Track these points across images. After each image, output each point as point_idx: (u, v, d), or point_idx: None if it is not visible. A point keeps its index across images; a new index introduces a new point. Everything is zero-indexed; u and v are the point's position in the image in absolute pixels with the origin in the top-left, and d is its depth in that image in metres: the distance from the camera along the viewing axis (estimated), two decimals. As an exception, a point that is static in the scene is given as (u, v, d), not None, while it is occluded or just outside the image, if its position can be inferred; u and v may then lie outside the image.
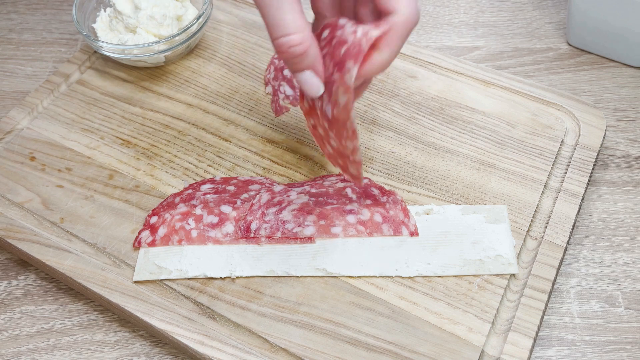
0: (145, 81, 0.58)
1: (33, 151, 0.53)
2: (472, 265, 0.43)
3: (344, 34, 0.37)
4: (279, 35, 0.35)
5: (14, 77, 0.63)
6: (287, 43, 0.35)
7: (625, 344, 0.43)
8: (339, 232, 0.45)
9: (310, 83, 0.37)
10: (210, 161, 0.52)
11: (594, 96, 0.58)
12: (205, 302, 0.43)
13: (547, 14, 0.66)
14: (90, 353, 0.45)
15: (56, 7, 0.71)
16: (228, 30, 0.62)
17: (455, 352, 0.40)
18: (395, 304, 0.42)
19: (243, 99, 0.56)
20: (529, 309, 0.42)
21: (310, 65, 0.37)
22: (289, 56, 0.36)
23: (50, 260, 0.46)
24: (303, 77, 0.37)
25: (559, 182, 0.48)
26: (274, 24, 0.35)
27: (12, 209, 0.49)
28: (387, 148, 0.51)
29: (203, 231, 0.46)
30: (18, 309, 0.47)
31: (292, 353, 0.41)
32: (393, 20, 0.36)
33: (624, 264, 0.47)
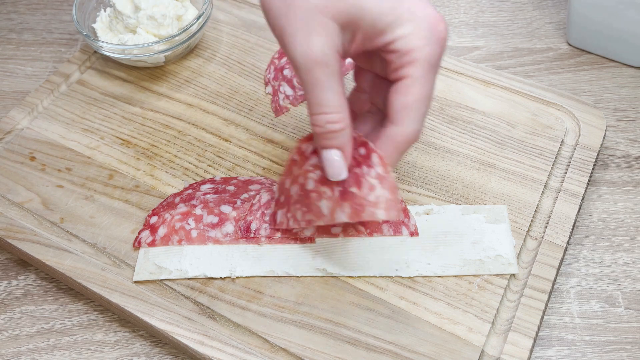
0: (145, 81, 0.58)
1: (33, 151, 0.53)
2: (472, 265, 0.43)
3: (364, 177, 0.38)
4: (319, 112, 0.37)
5: (14, 77, 0.63)
6: (324, 119, 0.36)
7: (625, 344, 0.43)
8: (339, 232, 0.45)
9: (335, 164, 0.38)
10: (210, 161, 0.52)
11: (594, 96, 0.58)
12: (205, 302, 0.43)
13: (547, 14, 0.66)
14: (90, 353, 0.45)
15: (56, 7, 0.71)
16: (228, 30, 0.62)
17: (455, 352, 0.40)
18: (395, 304, 0.42)
19: (243, 99, 0.56)
20: (529, 309, 0.42)
21: (340, 145, 0.38)
22: (324, 131, 0.37)
23: (50, 260, 0.46)
24: (329, 155, 0.38)
25: (559, 182, 0.48)
26: (316, 102, 0.36)
27: (12, 209, 0.49)
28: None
29: (203, 231, 0.46)
30: (18, 309, 0.47)
31: (292, 353, 0.41)
32: (394, 132, 0.37)
33: (624, 264, 0.47)
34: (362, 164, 0.38)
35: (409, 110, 0.36)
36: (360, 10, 0.35)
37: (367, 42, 0.37)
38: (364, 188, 0.38)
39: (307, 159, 0.40)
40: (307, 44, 0.35)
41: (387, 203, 0.37)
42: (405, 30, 0.35)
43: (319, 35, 0.35)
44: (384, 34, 0.36)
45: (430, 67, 0.36)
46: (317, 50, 0.35)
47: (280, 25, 0.36)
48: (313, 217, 0.40)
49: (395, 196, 0.38)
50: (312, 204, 0.40)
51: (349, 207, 0.38)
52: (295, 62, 0.36)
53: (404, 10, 0.35)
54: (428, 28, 0.36)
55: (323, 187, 0.39)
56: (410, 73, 0.36)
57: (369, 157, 0.38)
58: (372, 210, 0.38)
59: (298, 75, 0.37)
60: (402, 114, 0.37)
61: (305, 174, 0.40)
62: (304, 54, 0.35)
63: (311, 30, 0.35)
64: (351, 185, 0.38)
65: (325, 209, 0.39)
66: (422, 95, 0.36)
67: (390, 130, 0.37)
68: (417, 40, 0.35)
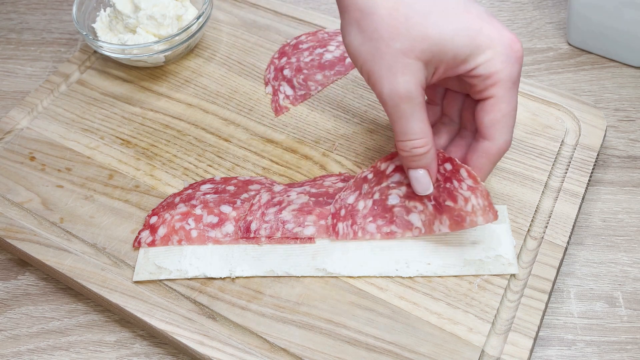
0: (145, 81, 0.58)
1: (33, 151, 0.53)
2: (472, 265, 0.43)
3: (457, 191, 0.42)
4: (404, 140, 0.40)
5: (14, 77, 0.63)
6: (410, 145, 0.40)
7: (625, 344, 0.43)
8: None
9: (422, 181, 0.42)
10: (210, 161, 0.52)
11: (594, 96, 0.58)
12: (205, 302, 0.43)
13: (547, 14, 0.66)
14: (90, 353, 0.45)
15: (56, 7, 0.71)
16: (228, 30, 0.62)
17: (455, 352, 0.40)
18: (395, 304, 0.42)
19: (243, 99, 0.56)
20: (529, 309, 0.42)
21: (425, 165, 0.41)
22: (410, 155, 0.41)
23: (50, 260, 0.46)
24: (416, 174, 0.42)
25: (559, 182, 0.48)
26: (402, 131, 0.40)
27: (12, 209, 0.49)
28: (387, 148, 0.51)
29: (203, 231, 0.46)
30: (18, 309, 0.47)
31: (292, 353, 0.41)
32: (487, 147, 0.40)
33: (624, 264, 0.47)
34: (453, 179, 0.42)
35: (498, 126, 0.40)
36: (442, 47, 0.38)
37: (449, 72, 0.40)
38: (459, 201, 0.42)
39: (387, 177, 0.45)
40: (392, 83, 0.38)
41: (483, 209, 0.41)
42: (486, 57, 0.38)
43: (403, 75, 0.38)
44: (466, 62, 0.38)
45: (512, 85, 0.39)
46: (401, 88, 0.38)
47: (367, 68, 0.39)
48: (398, 228, 0.43)
49: (489, 201, 0.41)
50: (396, 217, 0.43)
51: (448, 219, 0.42)
52: (382, 99, 0.40)
53: (483, 38, 0.38)
54: (506, 51, 0.38)
55: (412, 202, 0.44)
56: (494, 93, 0.39)
57: (458, 172, 0.42)
58: (472, 219, 0.41)
59: (385, 109, 0.40)
60: (492, 130, 0.40)
61: (385, 191, 0.44)
62: (390, 92, 0.39)
63: (396, 71, 0.38)
64: (446, 200, 0.42)
65: (417, 222, 0.43)
66: (508, 110, 0.39)
67: (483, 145, 0.41)
68: (498, 63, 0.38)
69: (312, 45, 0.58)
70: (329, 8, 0.69)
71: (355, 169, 0.50)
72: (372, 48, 0.39)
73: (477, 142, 0.41)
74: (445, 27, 0.38)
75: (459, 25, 0.38)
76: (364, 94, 0.55)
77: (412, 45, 0.38)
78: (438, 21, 0.38)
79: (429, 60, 0.38)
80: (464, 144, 0.44)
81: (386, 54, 0.38)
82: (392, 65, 0.38)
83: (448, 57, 0.38)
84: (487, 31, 0.38)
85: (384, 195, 0.45)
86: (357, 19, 0.39)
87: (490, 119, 0.40)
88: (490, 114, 0.39)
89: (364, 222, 0.44)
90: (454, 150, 0.44)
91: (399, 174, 0.45)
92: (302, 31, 0.61)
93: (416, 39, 0.38)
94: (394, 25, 0.38)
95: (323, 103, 0.55)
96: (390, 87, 0.39)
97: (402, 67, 0.38)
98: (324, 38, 0.59)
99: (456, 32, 0.38)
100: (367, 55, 0.39)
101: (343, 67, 0.57)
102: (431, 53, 0.38)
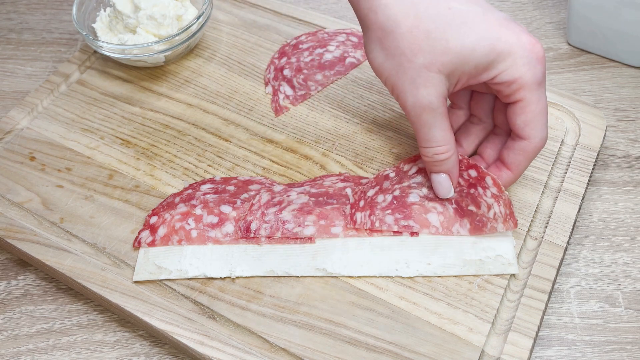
0: (145, 81, 0.58)
1: (33, 151, 0.53)
2: (472, 265, 0.43)
3: (481, 197, 0.44)
4: (427, 146, 0.42)
5: (14, 77, 0.63)
6: (432, 151, 0.42)
7: (625, 344, 0.43)
8: (339, 232, 0.45)
9: (444, 185, 0.44)
10: (210, 161, 0.52)
11: (594, 96, 0.58)
12: (205, 302, 0.43)
13: (547, 14, 0.66)
14: (90, 353, 0.45)
15: (56, 7, 0.71)
16: (228, 30, 0.62)
17: (455, 352, 0.40)
18: (395, 304, 0.42)
19: (243, 99, 0.56)
20: (529, 309, 0.42)
21: (447, 170, 0.43)
22: (432, 161, 0.43)
23: (50, 260, 0.46)
24: (438, 179, 0.44)
25: (559, 182, 0.48)
26: (425, 138, 0.42)
27: (12, 209, 0.49)
28: (387, 148, 0.51)
29: (203, 231, 0.46)
30: (18, 309, 0.47)
31: (292, 353, 0.41)
32: (524, 145, 0.42)
33: (624, 264, 0.47)
34: (477, 186, 0.44)
35: (532, 125, 0.41)
36: (462, 59, 0.39)
37: (472, 80, 0.41)
38: (482, 207, 0.44)
39: (409, 177, 0.46)
40: (415, 96, 0.40)
41: (504, 217, 0.44)
42: (507, 64, 0.39)
43: (425, 88, 0.40)
44: (488, 71, 0.40)
45: (538, 86, 0.40)
46: (424, 100, 0.40)
47: (392, 82, 0.41)
48: (416, 224, 0.44)
49: (511, 210, 0.44)
50: (414, 214, 0.44)
51: (469, 222, 0.44)
52: (406, 110, 0.41)
53: (502, 45, 0.39)
54: (526, 54, 0.39)
55: (432, 202, 0.44)
56: (522, 96, 0.40)
57: (483, 180, 0.44)
58: (493, 225, 0.43)
59: (408, 119, 0.42)
60: (527, 130, 0.41)
61: (406, 189, 0.46)
62: (413, 104, 0.40)
63: (418, 84, 0.40)
64: (469, 205, 0.44)
65: (435, 221, 0.44)
66: (539, 110, 0.40)
67: (520, 144, 0.42)
68: (520, 68, 0.39)
69: (312, 45, 0.58)
70: (329, 8, 0.69)
71: (355, 169, 0.50)
72: (395, 64, 0.40)
73: (513, 140, 0.43)
74: (466, 39, 0.38)
75: (478, 35, 0.38)
76: (364, 94, 0.55)
77: (433, 59, 0.39)
78: (458, 34, 0.38)
79: (451, 72, 0.40)
80: (498, 141, 0.46)
81: (409, 69, 0.40)
82: (414, 79, 0.40)
83: (470, 67, 0.39)
84: (505, 38, 0.39)
85: (404, 193, 0.45)
86: (380, 37, 0.40)
87: (523, 120, 0.41)
88: (522, 116, 0.41)
89: (383, 214, 0.45)
90: (489, 148, 0.46)
91: (421, 176, 0.46)
92: (302, 31, 0.61)
93: (437, 53, 0.39)
94: (415, 42, 0.39)
95: (323, 103, 0.55)
96: (413, 99, 0.40)
97: (424, 80, 0.39)
98: (324, 38, 0.59)
99: (476, 43, 0.38)
100: (390, 71, 0.41)
101: (343, 67, 0.57)
102: (453, 65, 0.39)
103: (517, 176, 0.44)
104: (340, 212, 0.46)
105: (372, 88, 0.56)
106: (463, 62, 0.39)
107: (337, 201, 0.46)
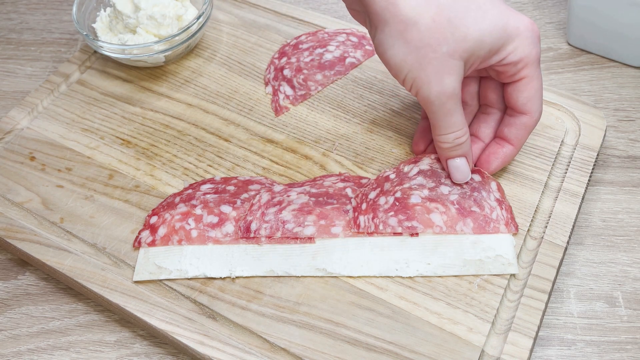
0: (145, 81, 0.58)
1: (33, 151, 0.53)
2: (472, 265, 0.43)
3: (485, 200, 0.45)
4: (448, 132, 0.43)
5: (14, 77, 0.63)
6: (452, 137, 0.43)
7: (625, 344, 0.43)
8: (339, 232, 0.45)
9: (462, 169, 0.45)
10: (210, 161, 0.52)
11: (594, 96, 0.58)
12: (205, 302, 0.43)
13: (547, 14, 0.66)
14: (90, 353, 0.45)
15: (56, 7, 0.71)
16: (228, 30, 0.62)
17: (455, 352, 0.40)
18: (395, 304, 0.42)
19: (243, 99, 0.56)
20: (529, 309, 0.42)
21: (465, 152, 0.44)
22: (452, 146, 0.44)
23: (50, 260, 0.46)
24: (456, 163, 0.45)
25: (559, 182, 0.48)
26: (446, 125, 0.43)
27: (12, 209, 0.49)
28: (387, 148, 0.51)
29: (203, 231, 0.46)
30: (18, 309, 0.47)
31: (292, 353, 0.41)
32: (526, 120, 0.44)
33: (624, 264, 0.47)
34: (482, 190, 0.46)
35: (533, 100, 0.43)
36: (480, 44, 0.40)
37: (482, 64, 0.42)
38: (485, 209, 0.45)
39: (410, 179, 0.47)
40: (440, 85, 0.41)
41: (506, 221, 0.45)
42: (515, 45, 0.41)
43: (450, 76, 0.40)
44: (498, 53, 0.41)
45: (538, 63, 0.42)
46: (448, 88, 0.41)
47: (413, 76, 0.41)
48: (420, 224, 0.44)
49: (512, 215, 0.45)
50: (417, 215, 0.45)
51: (472, 221, 0.44)
52: (429, 100, 0.42)
53: (510, 29, 0.41)
54: (529, 35, 0.41)
55: (434, 203, 0.45)
56: (526, 74, 0.42)
57: (488, 184, 0.46)
58: (496, 226, 0.44)
59: (429, 109, 0.42)
60: (528, 106, 0.43)
61: (407, 191, 0.46)
62: (438, 94, 0.41)
63: (443, 73, 0.40)
64: (472, 206, 0.45)
65: (438, 221, 0.44)
66: (539, 85, 0.43)
67: (521, 119, 0.44)
68: (525, 47, 0.41)
69: (312, 45, 0.58)
70: (329, 8, 0.69)
71: (355, 169, 0.50)
72: (420, 56, 0.40)
73: (512, 117, 0.45)
74: (482, 25, 0.40)
75: (492, 20, 0.40)
76: (364, 94, 0.55)
77: (456, 47, 0.40)
78: (475, 20, 0.40)
79: (469, 58, 0.41)
80: (491, 120, 0.47)
81: (434, 59, 0.40)
82: (439, 69, 0.40)
83: (484, 51, 0.41)
84: (513, 20, 0.41)
85: (405, 194, 0.45)
86: (401, 30, 0.40)
87: (525, 97, 0.43)
88: (525, 92, 0.43)
89: (386, 216, 0.45)
90: (485, 127, 0.47)
91: (422, 177, 0.46)
92: (302, 31, 0.61)
93: (459, 40, 0.40)
94: (439, 31, 0.39)
95: (323, 103, 0.55)
96: (438, 89, 0.41)
97: (448, 69, 0.40)
98: (324, 38, 0.59)
99: (492, 28, 0.40)
100: (413, 64, 0.41)
101: (343, 67, 0.57)
102: (471, 51, 0.40)
103: (519, 149, 0.46)
104: (340, 212, 0.46)
105: (372, 88, 0.56)
106: (479, 47, 0.40)
107: (337, 201, 0.46)
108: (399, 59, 0.41)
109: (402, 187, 0.46)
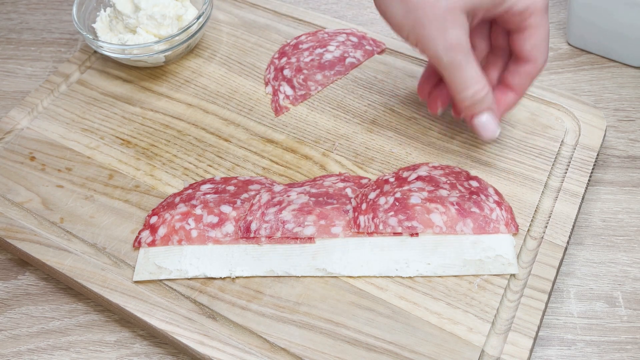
0: (145, 81, 0.58)
1: (33, 151, 0.53)
2: (472, 265, 0.43)
3: (484, 202, 0.45)
4: (465, 88, 0.43)
5: (14, 77, 0.63)
6: (471, 92, 0.43)
7: (625, 344, 0.43)
8: (339, 232, 0.45)
9: (489, 126, 0.45)
10: (210, 161, 0.52)
11: (594, 96, 0.58)
12: (205, 302, 0.43)
13: (547, 14, 0.66)
14: (90, 353, 0.45)
15: (56, 7, 0.71)
16: (228, 30, 0.62)
17: (455, 352, 0.40)
18: (395, 304, 0.42)
19: (243, 99, 0.56)
20: (529, 309, 0.42)
21: (489, 106, 0.44)
22: (473, 102, 0.43)
23: (50, 260, 0.46)
24: (482, 119, 0.45)
25: (559, 182, 0.48)
26: (461, 81, 0.43)
27: (12, 209, 0.49)
28: (387, 148, 0.51)
29: (203, 231, 0.46)
30: (18, 309, 0.47)
31: (292, 353, 0.41)
32: (530, 68, 0.44)
33: (624, 264, 0.47)
34: (480, 193, 0.46)
35: (538, 48, 0.43)
36: None
37: (487, 15, 0.42)
38: (485, 210, 0.45)
39: (409, 183, 0.47)
40: (445, 39, 0.41)
41: (506, 221, 0.45)
42: None
43: (453, 29, 0.41)
44: (503, 4, 0.41)
45: (545, 10, 0.42)
46: (454, 41, 0.41)
47: (416, 34, 0.42)
48: (420, 224, 0.44)
49: (512, 215, 0.46)
50: (417, 215, 0.45)
51: (472, 222, 0.45)
52: (438, 56, 0.42)
53: None
54: None
55: (433, 204, 0.45)
56: (532, 22, 0.42)
57: (486, 189, 0.47)
58: (496, 226, 0.44)
59: (440, 66, 0.42)
60: (534, 53, 0.43)
61: (406, 192, 0.46)
62: (445, 48, 0.41)
63: (446, 27, 0.40)
64: (472, 207, 0.45)
65: (438, 221, 0.45)
66: (545, 34, 0.43)
67: (525, 67, 0.44)
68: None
69: (312, 45, 0.58)
70: (329, 8, 0.69)
71: (355, 169, 0.50)
72: (419, 15, 0.41)
73: (517, 65, 0.45)
74: None
75: None
76: (364, 94, 0.55)
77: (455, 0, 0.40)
78: None
79: (471, 10, 0.41)
80: (499, 62, 0.47)
81: (433, 15, 0.40)
82: (441, 24, 0.40)
83: (487, 3, 0.41)
84: None
85: (405, 195, 0.46)
86: None
87: (532, 44, 0.43)
88: (530, 40, 0.43)
89: (386, 216, 0.45)
90: (491, 70, 0.47)
91: (421, 182, 0.47)
92: (302, 31, 0.61)
93: None
94: None
95: (323, 103, 0.55)
96: (443, 43, 0.41)
97: (450, 22, 0.40)
98: (324, 38, 0.59)
99: None
100: (414, 23, 0.41)
101: (343, 67, 0.57)
102: (472, 3, 0.41)
103: (521, 97, 0.46)
104: (340, 212, 0.46)
105: (372, 88, 0.56)
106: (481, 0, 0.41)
107: (337, 201, 0.46)
108: (398, 19, 0.42)
109: (401, 189, 0.46)
